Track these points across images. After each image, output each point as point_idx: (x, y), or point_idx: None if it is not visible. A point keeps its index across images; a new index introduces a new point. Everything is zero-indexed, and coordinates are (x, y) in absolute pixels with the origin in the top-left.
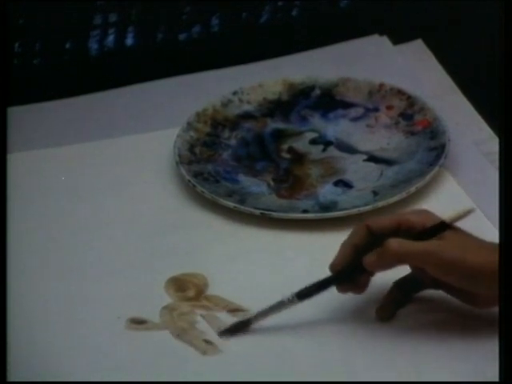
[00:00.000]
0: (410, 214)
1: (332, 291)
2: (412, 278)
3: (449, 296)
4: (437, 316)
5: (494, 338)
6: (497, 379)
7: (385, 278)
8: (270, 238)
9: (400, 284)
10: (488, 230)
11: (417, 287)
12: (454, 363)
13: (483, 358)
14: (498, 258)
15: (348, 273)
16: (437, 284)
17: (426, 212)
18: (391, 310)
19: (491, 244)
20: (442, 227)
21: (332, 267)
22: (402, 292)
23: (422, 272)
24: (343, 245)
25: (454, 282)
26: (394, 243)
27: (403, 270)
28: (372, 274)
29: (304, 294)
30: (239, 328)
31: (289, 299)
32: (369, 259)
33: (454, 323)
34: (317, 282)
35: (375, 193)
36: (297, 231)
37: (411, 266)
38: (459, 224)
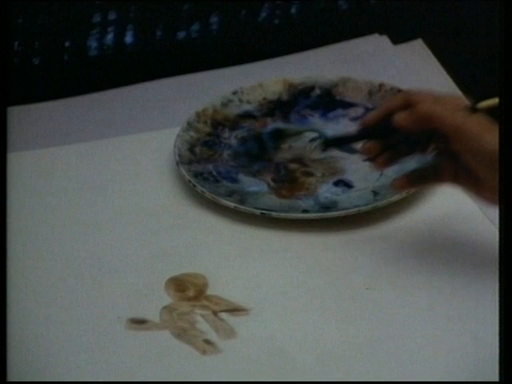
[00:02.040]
0: (447, 96)
1: None
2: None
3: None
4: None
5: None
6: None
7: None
8: (270, 238)
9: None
10: (488, 230)
11: (436, 177)
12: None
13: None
14: None
15: (377, 130)
16: (455, 176)
17: (461, 96)
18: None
19: None
20: (473, 109)
21: (363, 122)
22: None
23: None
24: (378, 107)
25: (470, 158)
26: (426, 102)
27: None
28: (399, 156)
29: (331, 143)
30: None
31: (315, 145)
32: (399, 115)
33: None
34: (346, 133)
35: (375, 193)
36: (297, 231)
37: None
38: None
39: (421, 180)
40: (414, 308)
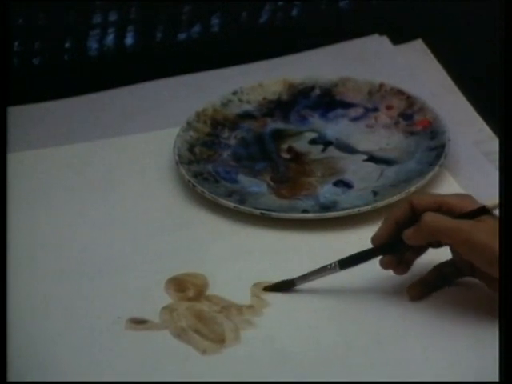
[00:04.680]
0: (452, 197)
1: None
2: (452, 264)
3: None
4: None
5: None
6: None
7: (427, 260)
8: (270, 238)
9: (440, 268)
10: None
11: (455, 273)
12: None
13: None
14: None
15: (389, 246)
16: (473, 271)
17: (468, 197)
18: (424, 290)
19: None
20: (480, 212)
21: (373, 240)
22: (441, 275)
23: (459, 256)
24: (386, 219)
25: (479, 264)
26: (429, 217)
27: (447, 256)
28: (416, 255)
29: (346, 263)
30: (283, 286)
31: (331, 266)
32: (407, 232)
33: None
34: (360, 252)
35: (375, 193)
36: (297, 231)
37: (451, 249)
38: None
39: (441, 279)
40: (415, 307)
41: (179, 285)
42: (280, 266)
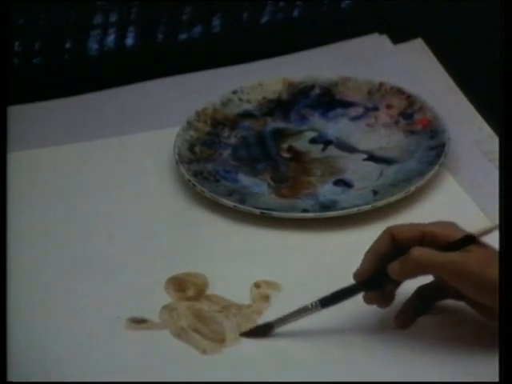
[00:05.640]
0: (435, 226)
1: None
2: (434, 287)
3: (471, 309)
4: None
5: None
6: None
7: (409, 288)
8: (270, 238)
9: (421, 291)
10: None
11: (438, 296)
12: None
13: None
14: None
15: (373, 282)
16: (458, 295)
17: (451, 224)
18: (410, 316)
19: None
20: (466, 241)
21: (356, 276)
22: (423, 299)
23: (445, 282)
24: (367, 253)
25: (473, 294)
26: (417, 251)
27: (427, 280)
28: (397, 286)
29: (327, 301)
30: (261, 332)
31: (312, 305)
32: (393, 267)
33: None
34: (341, 289)
35: (375, 192)
36: (297, 231)
37: (434, 276)
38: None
39: (422, 305)
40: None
41: (179, 284)
42: (280, 266)
